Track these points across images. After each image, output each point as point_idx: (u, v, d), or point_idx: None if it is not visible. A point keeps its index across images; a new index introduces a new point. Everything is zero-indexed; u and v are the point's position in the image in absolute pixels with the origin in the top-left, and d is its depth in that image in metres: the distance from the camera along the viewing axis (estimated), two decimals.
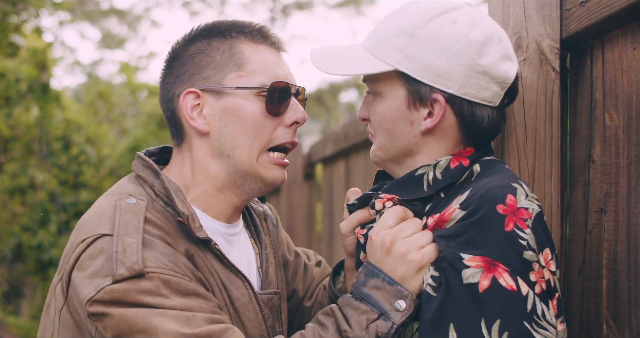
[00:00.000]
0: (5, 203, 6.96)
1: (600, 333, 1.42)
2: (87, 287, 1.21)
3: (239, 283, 1.39)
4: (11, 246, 6.70)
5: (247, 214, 1.62)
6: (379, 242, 1.27)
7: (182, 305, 1.22)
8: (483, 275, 1.16)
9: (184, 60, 1.44)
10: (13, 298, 7.28)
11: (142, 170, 1.42)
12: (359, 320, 1.22)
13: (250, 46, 1.43)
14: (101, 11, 16.99)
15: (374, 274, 1.26)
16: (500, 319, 1.13)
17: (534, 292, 1.16)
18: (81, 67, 17.74)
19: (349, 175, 3.80)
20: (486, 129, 1.32)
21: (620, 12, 1.32)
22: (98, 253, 1.24)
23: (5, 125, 6.81)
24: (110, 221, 1.27)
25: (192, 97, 1.41)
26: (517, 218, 1.18)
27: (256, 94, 1.40)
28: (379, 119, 1.36)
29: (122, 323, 1.19)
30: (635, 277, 1.31)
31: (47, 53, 7.10)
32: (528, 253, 1.17)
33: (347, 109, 18.22)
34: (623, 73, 1.37)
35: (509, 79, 1.32)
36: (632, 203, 1.32)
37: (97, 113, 8.43)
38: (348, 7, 18.26)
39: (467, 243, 1.19)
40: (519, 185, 1.23)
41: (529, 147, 1.55)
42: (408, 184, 1.34)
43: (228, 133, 1.40)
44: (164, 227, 1.32)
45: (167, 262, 1.25)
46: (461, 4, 1.35)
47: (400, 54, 1.30)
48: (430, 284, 1.21)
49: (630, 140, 1.34)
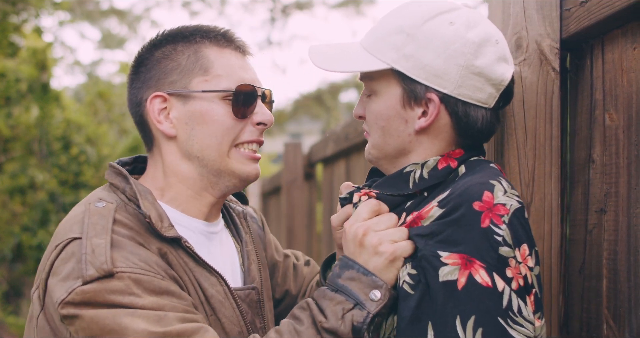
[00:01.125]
0: (5, 203, 6.96)
1: (600, 333, 1.42)
2: (59, 290, 1.21)
3: (213, 281, 1.40)
4: (11, 246, 6.70)
5: (227, 213, 1.63)
6: (352, 234, 1.29)
7: (154, 304, 1.22)
8: (460, 272, 1.16)
9: (150, 66, 1.46)
10: (13, 298, 7.28)
11: (113, 177, 1.44)
12: (334, 310, 1.23)
13: (214, 50, 1.45)
14: (101, 11, 17.00)
15: (348, 266, 1.27)
16: (475, 315, 1.14)
17: (510, 288, 1.16)
18: (81, 67, 17.75)
19: (350, 175, 3.80)
20: (480, 130, 1.33)
21: (620, 12, 1.32)
22: (69, 257, 1.25)
23: (5, 125, 6.80)
24: (80, 224, 1.29)
25: (159, 101, 1.43)
26: (494, 215, 1.19)
27: (222, 97, 1.42)
28: (374, 117, 1.37)
29: (92, 325, 1.19)
30: (635, 277, 1.31)
31: (47, 53, 7.10)
32: (503, 249, 1.17)
33: (347, 109, 18.22)
34: (623, 73, 1.37)
35: (504, 81, 1.32)
36: (632, 203, 1.32)
37: (97, 113, 8.43)
38: (348, 7, 18.26)
39: (445, 241, 1.20)
40: (497, 182, 1.23)
41: (529, 147, 1.55)
42: (396, 181, 1.36)
43: (195, 136, 1.42)
44: (135, 227, 1.33)
45: (138, 261, 1.25)
46: (460, 5, 1.35)
47: (396, 52, 1.30)
48: (407, 282, 1.22)
49: (630, 140, 1.34)
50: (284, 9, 16.97)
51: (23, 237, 6.66)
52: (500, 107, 1.37)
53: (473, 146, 1.38)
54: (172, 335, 1.19)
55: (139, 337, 1.17)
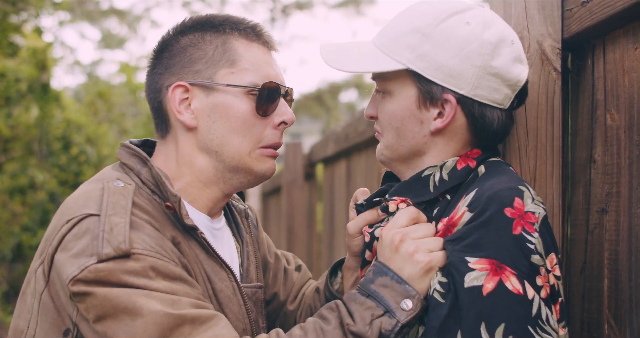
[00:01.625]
0: (5, 203, 6.96)
1: (601, 333, 1.42)
2: (70, 266, 1.17)
3: (223, 275, 1.38)
4: (11, 246, 6.70)
5: (229, 212, 1.60)
6: (388, 240, 1.27)
7: (168, 288, 1.19)
8: (488, 278, 1.14)
9: (175, 52, 1.41)
10: (13, 298, 7.27)
11: (127, 158, 1.39)
12: (363, 315, 1.20)
13: (243, 43, 1.42)
14: (101, 11, 17.00)
15: (382, 272, 1.25)
16: (505, 323, 1.12)
17: (540, 297, 1.15)
18: (81, 67, 17.75)
19: (350, 176, 3.80)
20: (496, 131, 1.32)
21: (622, 12, 1.32)
22: (83, 233, 1.20)
23: (5, 125, 6.80)
24: (98, 201, 1.24)
25: (181, 90, 1.39)
26: (525, 222, 1.17)
27: (247, 92, 1.39)
28: (387, 118, 1.35)
29: (105, 303, 1.15)
30: (636, 277, 1.31)
31: (47, 53, 7.10)
32: (535, 258, 1.16)
33: (347, 109, 18.21)
34: (624, 73, 1.37)
35: (520, 82, 1.31)
36: (633, 204, 1.32)
37: (97, 113, 8.43)
38: (348, 7, 18.26)
39: (473, 245, 1.17)
40: (525, 189, 1.22)
41: (531, 147, 1.55)
42: (415, 185, 1.33)
43: (216, 129, 1.39)
44: (152, 212, 1.30)
45: (154, 245, 1.22)
46: (474, 4, 1.34)
47: (412, 52, 1.29)
48: (437, 290, 1.20)
49: (631, 140, 1.34)
50: (284, 9, 16.97)
51: (23, 237, 6.66)
52: (515, 107, 1.36)
53: (489, 147, 1.37)
54: (187, 319, 1.16)
55: (154, 317, 1.14)
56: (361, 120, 3.37)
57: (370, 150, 3.35)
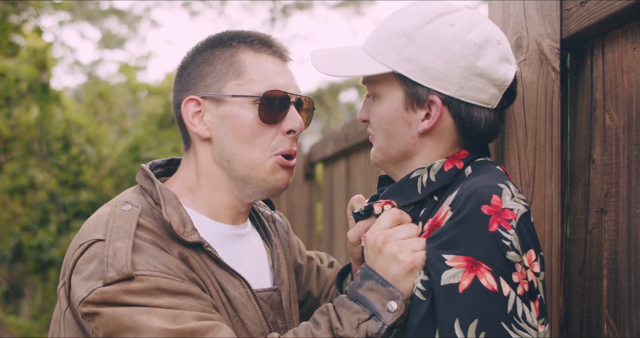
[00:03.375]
0: (5, 203, 6.96)
1: (600, 333, 1.42)
2: (80, 289, 1.26)
3: (235, 283, 1.42)
4: (11, 246, 6.70)
5: (256, 217, 1.66)
6: (372, 242, 1.29)
7: (171, 303, 1.25)
8: (464, 275, 1.16)
9: (190, 69, 1.50)
10: (13, 298, 7.28)
11: (143, 180, 1.48)
12: (350, 319, 1.24)
13: (250, 55, 1.47)
14: (101, 11, 16.99)
15: (368, 276, 1.27)
16: (478, 319, 1.13)
17: (516, 293, 1.15)
18: (81, 67, 17.74)
19: (350, 175, 3.80)
20: (483, 130, 1.33)
21: (621, 12, 1.32)
22: (92, 257, 1.29)
23: (5, 125, 6.80)
24: (104, 227, 1.33)
25: (193, 104, 1.47)
26: (502, 219, 1.18)
27: (252, 102, 1.44)
28: (377, 121, 1.37)
29: (110, 322, 1.23)
30: (635, 277, 1.31)
31: (47, 53, 7.10)
32: (511, 254, 1.17)
33: (347, 109, 18.22)
34: (623, 73, 1.37)
35: (506, 81, 1.32)
36: (632, 204, 1.32)
37: (97, 113, 8.42)
38: (348, 7, 18.25)
39: (449, 243, 1.19)
40: (505, 186, 1.23)
41: (529, 147, 1.55)
42: (404, 188, 1.35)
43: (227, 139, 1.45)
44: (157, 232, 1.36)
45: (158, 265, 1.29)
46: (461, 6, 1.35)
47: (397, 55, 1.30)
48: (419, 288, 1.22)
49: (630, 140, 1.34)
50: (284, 9, 16.97)
51: (23, 237, 6.65)
52: (504, 107, 1.37)
53: (478, 147, 1.38)
54: (186, 333, 1.21)
55: (153, 334, 1.20)
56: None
57: (370, 150, 3.35)
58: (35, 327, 6.56)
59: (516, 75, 1.36)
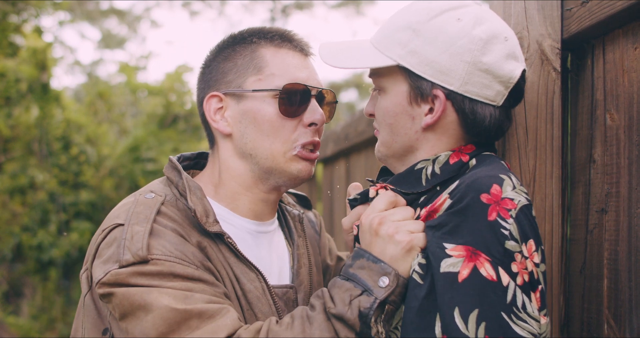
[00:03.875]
0: (5, 203, 6.95)
1: (601, 333, 1.42)
2: (98, 271, 1.30)
3: (252, 276, 1.43)
4: (11, 246, 6.69)
5: (282, 216, 1.67)
6: (367, 225, 1.29)
7: (183, 286, 1.27)
8: (464, 265, 1.15)
9: (212, 67, 1.53)
10: (13, 298, 7.28)
11: (170, 171, 1.50)
12: (342, 297, 1.24)
13: (271, 50, 1.49)
14: (101, 11, 16.99)
15: (359, 255, 1.28)
16: (478, 309, 1.12)
17: (515, 283, 1.15)
18: (81, 67, 17.74)
19: (350, 175, 3.80)
20: (488, 127, 1.32)
21: (622, 12, 1.32)
22: (112, 241, 1.33)
23: (5, 125, 6.80)
24: (126, 212, 1.37)
25: (215, 100, 1.50)
26: (501, 208, 1.18)
27: (273, 96, 1.46)
28: (382, 114, 1.37)
29: (124, 301, 1.25)
30: (636, 277, 1.31)
31: (47, 53, 7.09)
32: (510, 243, 1.16)
33: (347, 109, 18.21)
34: (624, 73, 1.37)
35: (513, 79, 1.31)
36: (633, 203, 1.32)
37: (97, 113, 8.42)
38: (348, 7, 18.26)
39: (450, 232, 1.19)
40: (507, 177, 1.22)
41: (530, 147, 1.55)
42: (407, 178, 1.35)
43: (249, 134, 1.47)
44: (178, 220, 1.38)
45: (174, 250, 1.31)
46: (470, 2, 1.34)
47: (403, 49, 1.30)
48: (417, 271, 1.22)
49: (631, 140, 1.34)
50: (284, 9, 16.97)
51: (23, 237, 6.65)
52: (511, 105, 1.36)
53: (484, 144, 1.37)
54: (193, 314, 1.23)
55: (161, 312, 1.22)
56: (361, 120, 3.37)
57: (370, 150, 3.35)
58: (35, 327, 6.56)
59: (524, 74, 1.35)
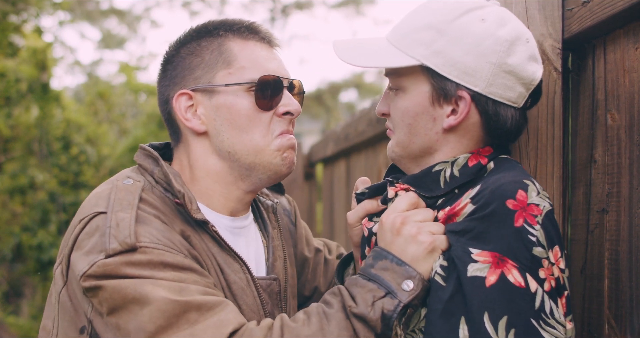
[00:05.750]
0: (5, 203, 6.95)
1: (601, 333, 1.41)
2: (81, 263, 1.22)
3: (236, 267, 1.39)
4: (11, 246, 6.69)
5: (256, 208, 1.62)
6: (389, 224, 1.26)
7: (175, 277, 1.22)
8: (491, 271, 1.14)
9: (176, 63, 1.46)
10: (13, 298, 7.27)
11: (143, 159, 1.44)
12: (365, 297, 1.21)
13: (238, 43, 1.45)
14: (101, 11, 16.99)
15: (382, 256, 1.25)
16: (507, 316, 1.11)
17: (543, 289, 1.14)
18: (81, 67, 17.74)
19: (350, 175, 3.80)
20: (509, 129, 1.31)
21: (623, 12, 1.32)
22: (94, 231, 1.25)
23: (5, 125, 6.79)
24: (106, 200, 1.29)
25: (185, 98, 1.43)
26: (527, 214, 1.17)
27: (246, 89, 1.41)
28: (400, 114, 1.35)
29: (115, 295, 1.19)
30: (636, 277, 1.31)
31: (47, 53, 7.09)
32: (537, 250, 1.16)
33: (347, 109, 18.21)
34: (625, 73, 1.37)
35: (534, 81, 1.30)
36: (634, 204, 1.32)
37: (97, 113, 8.42)
38: (348, 7, 18.26)
39: (476, 238, 1.18)
40: (530, 182, 1.22)
41: (531, 147, 1.55)
42: (425, 180, 1.33)
43: (225, 131, 1.42)
44: (160, 208, 1.33)
45: (162, 238, 1.26)
46: (489, 2, 1.33)
47: (427, 48, 1.28)
48: (439, 273, 1.20)
49: (632, 140, 1.34)
50: (283, 9, 16.96)
51: (23, 237, 6.65)
52: (529, 107, 1.36)
53: (500, 146, 1.36)
54: (193, 306, 1.18)
55: (159, 305, 1.17)
56: (361, 120, 3.37)
57: (370, 150, 3.35)
58: (35, 327, 6.55)
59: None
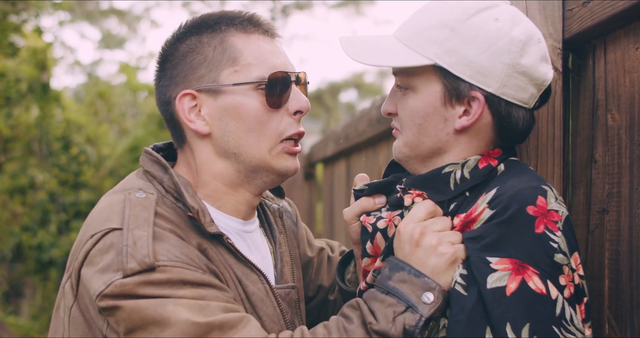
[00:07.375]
0: (5, 203, 6.95)
1: (602, 333, 1.41)
2: (97, 281, 1.17)
3: (254, 278, 1.36)
4: (11, 246, 6.70)
5: (262, 212, 1.58)
6: (408, 235, 1.23)
7: (196, 294, 1.18)
8: (511, 278, 1.12)
9: (176, 61, 1.39)
10: (13, 298, 7.28)
11: (150, 165, 1.38)
12: (385, 312, 1.17)
13: (241, 38, 1.38)
14: (101, 11, 16.99)
15: (398, 267, 1.22)
16: (529, 323, 1.09)
17: (563, 296, 1.13)
18: (81, 67, 17.73)
19: (350, 176, 3.80)
20: (521, 130, 1.30)
21: (623, 12, 1.32)
22: (108, 248, 1.20)
23: (5, 125, 6.80)
24: (120, 215, 1.24)
25: (188, 98, 1.36)
26: (548, 221, 1.15)
27: (255, 88, 1.35)
28: (409, 114, 1.31)
29: (133, 315, 1.15)
30: (637, 277, 1.30)
31: (47, 53, 7.09)
32: (559, 256, 1.14)
33: (347, 109, 18.21)
34: (625, 73, 1.37)
35: (546, 82, 1.29)
36: (634, 204, 1.32)
37: (97, 113, 8.42)
38: (348, 7, 18.25)
39: (494, 244, 1.15)
40: (548, 188, 1.20)
41: (531, 147, 1.55)
42: (434, 182, 1.30)
43: (231, 131, 1.36)
44: (175, 221, 1.28)
45: (180, 255, 1.21)
46: (500, 2, 1.31)
47: (439, 47, 1.25)
48: (459, 282, 1.17)
49: (632, 140, 1.34)
50: (283, 9, 16.96)
51: (23, 237, 6.66)
52: (537, 107, 1.34)
53: (508, 147, 1.35)
54: (215, 326, 1.15)
55: (181, 327, 1.13)
56: (361, 120, 3.37)
57: (370, 150, 3.35)
58: (35, 327, 6.56)
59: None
